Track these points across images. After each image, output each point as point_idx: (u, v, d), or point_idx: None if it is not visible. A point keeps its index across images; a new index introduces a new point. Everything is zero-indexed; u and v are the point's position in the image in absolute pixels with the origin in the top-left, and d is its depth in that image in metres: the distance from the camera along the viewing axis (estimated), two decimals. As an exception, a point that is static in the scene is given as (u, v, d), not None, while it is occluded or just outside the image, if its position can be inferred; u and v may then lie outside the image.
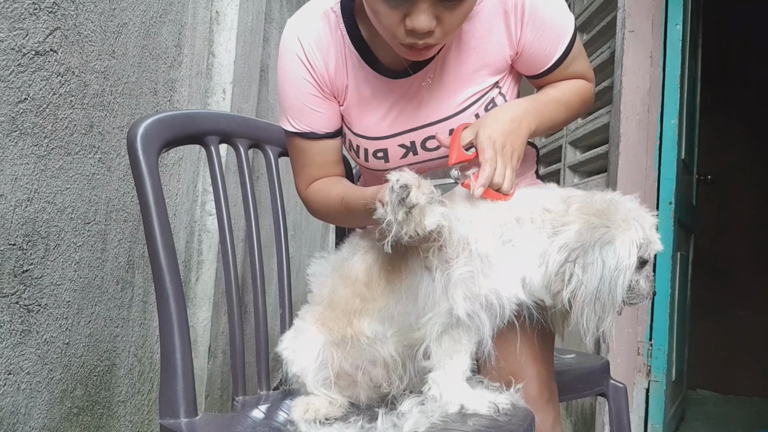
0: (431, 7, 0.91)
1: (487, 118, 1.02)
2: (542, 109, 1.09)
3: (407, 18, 0.92)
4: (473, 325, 0.98)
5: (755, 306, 3.97)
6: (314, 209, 1.19)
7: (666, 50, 2.39)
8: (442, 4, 0.91)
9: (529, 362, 1.10)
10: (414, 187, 0.85)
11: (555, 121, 1.13)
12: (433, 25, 0.93)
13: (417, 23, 0.91)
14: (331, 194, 1.12)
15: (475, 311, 0.96)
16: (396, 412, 0.98)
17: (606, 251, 0.92)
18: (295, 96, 1.12)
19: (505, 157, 0.98)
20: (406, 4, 0.91)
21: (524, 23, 1.07)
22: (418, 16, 0.91)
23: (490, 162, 0.96)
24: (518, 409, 0.99)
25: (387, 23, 0.95)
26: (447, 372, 1.00)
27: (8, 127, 1.05)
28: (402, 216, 0.86)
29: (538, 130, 1.08)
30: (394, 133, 1.12)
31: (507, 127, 1.00)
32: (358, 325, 1.04)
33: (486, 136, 0.98)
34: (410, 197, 0.84)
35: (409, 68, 1.09)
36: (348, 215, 1.10)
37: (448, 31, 0.95)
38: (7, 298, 1.08)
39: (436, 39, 0.95)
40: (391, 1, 0.92)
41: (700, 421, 3.26)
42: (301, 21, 1.12)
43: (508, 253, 0.97)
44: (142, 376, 1.62)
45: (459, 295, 0.95)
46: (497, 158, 0.97)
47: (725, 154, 4.00)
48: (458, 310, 0.95)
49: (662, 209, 2.37)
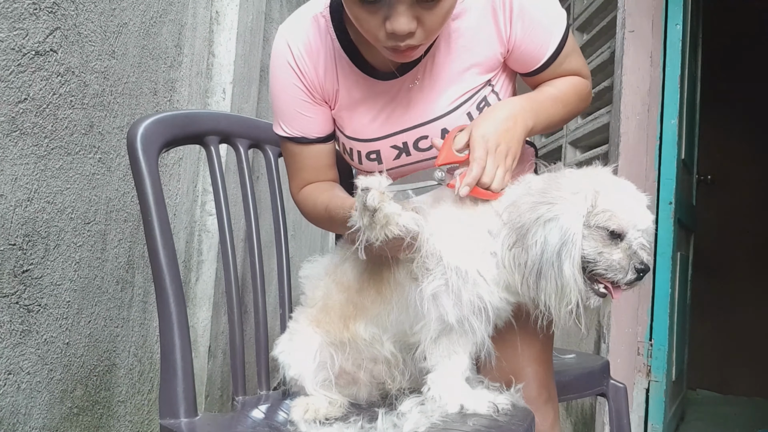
0: (410, 9, 0.91)
1: (482, 118, 1.01)
2: (539, 107, 1.08)
3: (387, 21, 0.92)
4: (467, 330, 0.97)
5: (755, 306, 3.97)
6: (304, 214, 1.20)
7: (666, 50, 2.39)
8: (420, 5, 0.91)
9: (528, 362, 1.10)
10: (373, 189, 0.85)
11: (553, 119, 1.12)
12: (413, 26, 0.93)
13: (397, 25, 0.92)
14: (318, 202, 1.13)
15: (465, 317, 0.95)
16: (396, 412, 0.98)
17: (549, 228, 0.90)
18: (286, 102, 1.13)
19: (498, 156, 0.97)
20: (385, 8, 0.91)
21: (513, 19, 1.06)
22: (397, 19, 0.91)
23: (479, 161, 0.96)
24: (518, 409, 0.99)
25: (368, 27, 0.95)
26: (445, 373, 0.99)
27: (8, 127, 1.05)
28: (367, 220, 0.86)
29: (536, 128, 1.07)
30: (386, 135, 1.12)
31: (502, 125, 1.00)
32: (354, 328, 1.04)
33: (479, 135, 0.98)
34: (368, 200, 0.84)
35: (396, 71, 1.09)
36: (331, 224, 1.11)
37: (429, 31, 0.95)
38: (7, 298, 1.08)
39: (419, 40, 0.95)
40: (369, 6, 0.92)
41: (700, 421, 3.26)
42: (291, 27, 1.12)
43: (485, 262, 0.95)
44: (142, 376, 1.62)
45: (448, 303, 0.94)
46: (487, 158, 0.96)
47: (725, 154, 4.00)
48: (449, 317, 0.94)
49: (662, 209, 2.37)
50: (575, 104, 1.16)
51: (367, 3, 0.91)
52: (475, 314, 0.95)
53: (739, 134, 4.03)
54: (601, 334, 2.41)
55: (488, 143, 0.97)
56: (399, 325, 1.01)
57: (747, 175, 4.03)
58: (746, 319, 3.97)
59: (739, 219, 4.05)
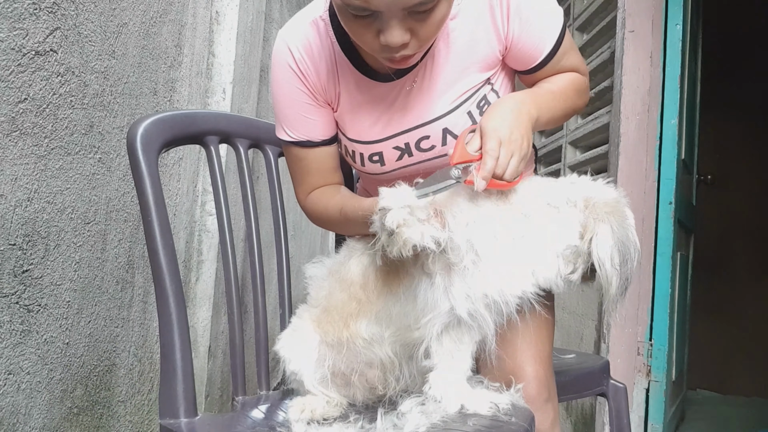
0: (402, 22, 0.91)
1: (489, 113, 1.00)
2: (540, 100, 1.07)
3: (381, 34, 0.92)
4: (475, 324, 0.98)
5: (755, 306, 3.97)
6: (314, 218, 1.20)
7: (666, 50, 2.39)
8: (412, 17, 0.91)
9: (528, 362, 1.10)
10: (392, 210, 0.87)
11: (554, 112, 1.11)
12: (406, 38, 0.92)
13: (390, 38, 0.92)
14: (330, 205, 1.13)
15: (477, 310, 0.96)
16: (396, 412, 0.98)
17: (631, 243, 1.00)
18: (289, 106, 1.13)
19: (513, 144, 0.96)
20: (377, 21, 0.91)
21: (510, 16, 1.06)
22: (390, 32, 0.91)
23: (491, 152, 0.94)
24: (518, 409, 0.99)
25: (363, 40, 0.95)
26: (448, 371, 1.00)
27: (8, 127, 1.05)
28: (386, 238, 0.88)
29: (540, 120, 1.06)
30: (388, 136, 1.12)
31: (510, 116, 0.99)
32: (355, 327, 1.04)
33: (491, 128, 0.96)
34: (386, 222, 0.87)
35: (393, 74, 1.09)
36: (347, 225, 1.12)
37: (423, 40, 0.95)
38: (7, 298, 1.08)
39: (413, 49, 0.95)
40: (362, 20, 0.92)
41: (700, 421, 3.25)
42: (291, 31, 1.12)
43: (518, 249, 0.98)
44: (142, 376, 1.62)
45: (461, 294, 0.95)
46: (499, 148, 0.95)
47: (725, 154, 4.00)
48: (459, 310, 0.95)
49: (662, 209, 2.37)
50: (574, 99, 1.16)
51: (360, 17, 0.92)
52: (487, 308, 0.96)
53: (739, 134, 4.02)
54: (601, 334, 2.41)
55: (499, 133, 0.96)
56: (403, 318, 1.02)
57: (747, 175, 4.03)
58: (746, 319, 3.97)
59: (739, 219, 4.05)
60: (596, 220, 0.99)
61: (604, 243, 0.98)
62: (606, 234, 0.99)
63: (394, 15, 0.90)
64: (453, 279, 0.96)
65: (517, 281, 0.98)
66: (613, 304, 1.00)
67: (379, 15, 0.90)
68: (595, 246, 0.98)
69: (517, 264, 0.98)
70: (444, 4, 0.93)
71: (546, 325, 1.15)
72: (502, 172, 0.95)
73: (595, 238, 0.99)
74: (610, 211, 1.00)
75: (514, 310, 1.00)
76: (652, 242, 2.36)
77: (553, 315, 1.20)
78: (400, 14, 0.90)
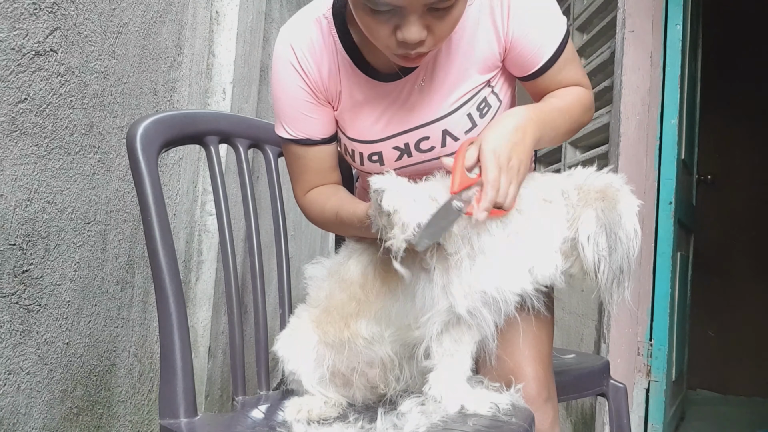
0: (421, 18, 0.91)
1: (490, 130, 0.98)
2: (546, 117, 1.05)
3: (398, 30, 0.92)
4: (474, 323, 0.98)
5: (755, 306, 3.97)
6: (311, 218, 1.20)
7: (666, 50, 2.39)
8: (431, 14, 0.91)
9: (528, 362, 1.10)
10: (388, 190, 0.86)
11: (558, 130, 1.10)
12: (424, 35, 0.92)
13: (408, 35, 0.91)
14: (326, 207, 1.13)
15: (476, 308, 0.96)
16: (396, 412, 0.98)
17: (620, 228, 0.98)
18: (289, 104, 1.13)
19: (511, 172, 0.94)
20: (396, 17, 0.91)
21: (510, 17, 1.06)
22: (408, 28, 0.91)
23: (493, 183, 0.92)
24: (518, 409, 0.99)
25: (378, 36, 0.95)
26: (448, 371, 1.00)
27: (8, 127, 1.05)
28: (385, 221, 0.87)
29: (543, 139, 1.05)
30: (388, 136, 1.12)
31: (511, 138, 0.96)
32: (355, 327, 1.04)
33: (490, 150, 0.94)
34: (383, 203, 0.86)
35: (400, 71, 1.09)
36: (343, 228, 1.12)
37: (439, 38, 0.95)
38: (7, 298, 1.08)
39: (428, 47, 0.95)
40: (380, 15, 0.91)
41: (700, 421, 3.26)
42: (294, 28, 1.12)
43: (513, 245, 0.97)
44: (142, 376, 1.62)
45: (459, 292, 0.95)
46: (500, 176, 0.93)
47: (725, 154, 4.00)
48: (458, 308, 0.95)
49: (662, 209, 2.37)
50: (579, 114, 1.14)
51: (378, 12, 0.91)
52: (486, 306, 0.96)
53: (739, 134, 4.02)
54: (601, 334, 2.41)
55: (500, 159, 0.94)
56: (403, 317, 1.02)
57: (747, 175, 4.03)
58: (746, 319, 3.97)
59: (739, 219, 4.05)
60: (583, 207, 0.99)
61: (585, 228, 0.97)
62: (589, 219, 0.97)
63: (414, 11, 0.90)
64: (451, 276, 0.96)
65: (515, 278, 0.97)
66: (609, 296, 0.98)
67: (399, 11, 0.90)
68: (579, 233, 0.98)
69: (514, 260, 0.97)
70: (462, 2, 0.94)
71: (546, 325, 1.15)
72: (503, 201, 0.94)
73: (579, 224, 0.98)
74: (599, 197, 0.99)
75: (514, 309, 1.00)
76: (652, 242, 2.36)
77: (552, 315, 1.20)
78: (420, 10, 0.90)
